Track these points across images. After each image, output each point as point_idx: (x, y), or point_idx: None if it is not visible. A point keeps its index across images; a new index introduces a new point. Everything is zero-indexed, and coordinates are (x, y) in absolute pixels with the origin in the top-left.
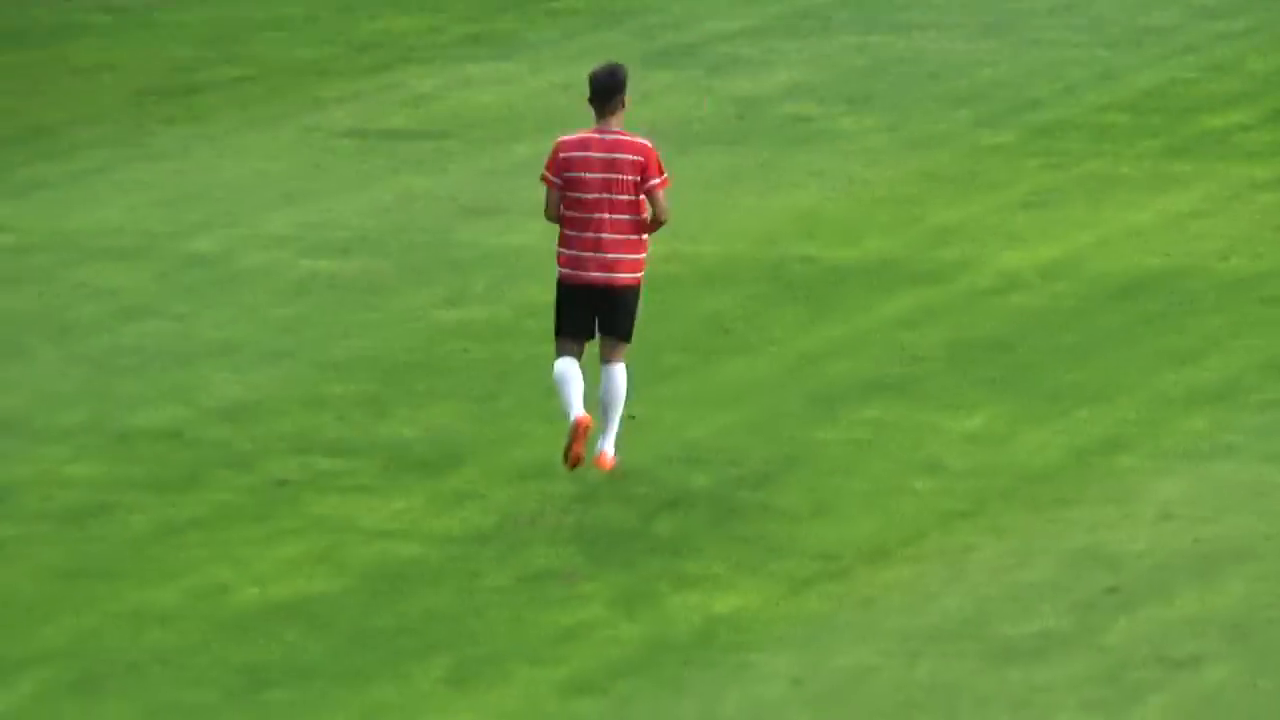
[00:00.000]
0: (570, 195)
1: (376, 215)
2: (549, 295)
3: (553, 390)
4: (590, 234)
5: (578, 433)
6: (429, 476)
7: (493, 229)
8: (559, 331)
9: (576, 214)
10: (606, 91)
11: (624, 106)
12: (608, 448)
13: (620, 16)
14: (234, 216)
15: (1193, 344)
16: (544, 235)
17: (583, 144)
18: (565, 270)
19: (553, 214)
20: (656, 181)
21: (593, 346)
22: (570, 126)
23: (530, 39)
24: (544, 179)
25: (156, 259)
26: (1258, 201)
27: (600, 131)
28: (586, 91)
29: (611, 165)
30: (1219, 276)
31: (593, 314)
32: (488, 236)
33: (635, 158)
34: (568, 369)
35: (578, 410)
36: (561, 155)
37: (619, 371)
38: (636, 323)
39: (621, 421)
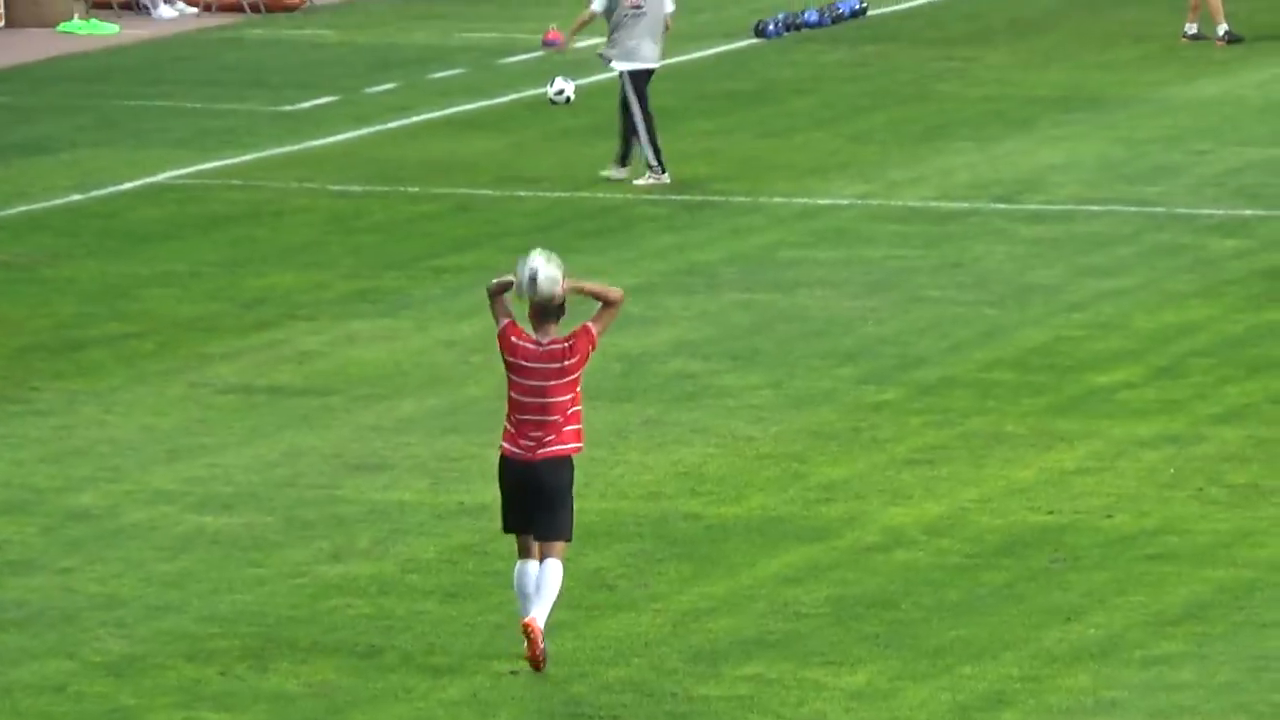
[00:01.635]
0: (511, 379)
1: (262, 471)
2: (432, 551)
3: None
4: (526, 416)
5: (529, 636)
6: None
7: (377, 485)
8: (505, 526)
9: (511, 406)
10: (544, 308)
11: (563, 313)
12: (539, 616)
13: (506, 273)
14: (119, 472)
15: (1076, 601)
16: (429, 491)
17: (525, 354)
18: (503, 444)
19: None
20: (591, 348)
21: None
22: (456, 385)
23: (416, 296)
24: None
25: (41, 513)
26: (1143, 459)
27: (537, 343)
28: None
29: (546, 374)
30: (1103, 534)
31: (523, 497)
32: (372, 493)
33: (569, 361)
34: (524, 581)
35: (525, 613)
36: (511, 338)
37: (554, 565)
38: (573, 515)
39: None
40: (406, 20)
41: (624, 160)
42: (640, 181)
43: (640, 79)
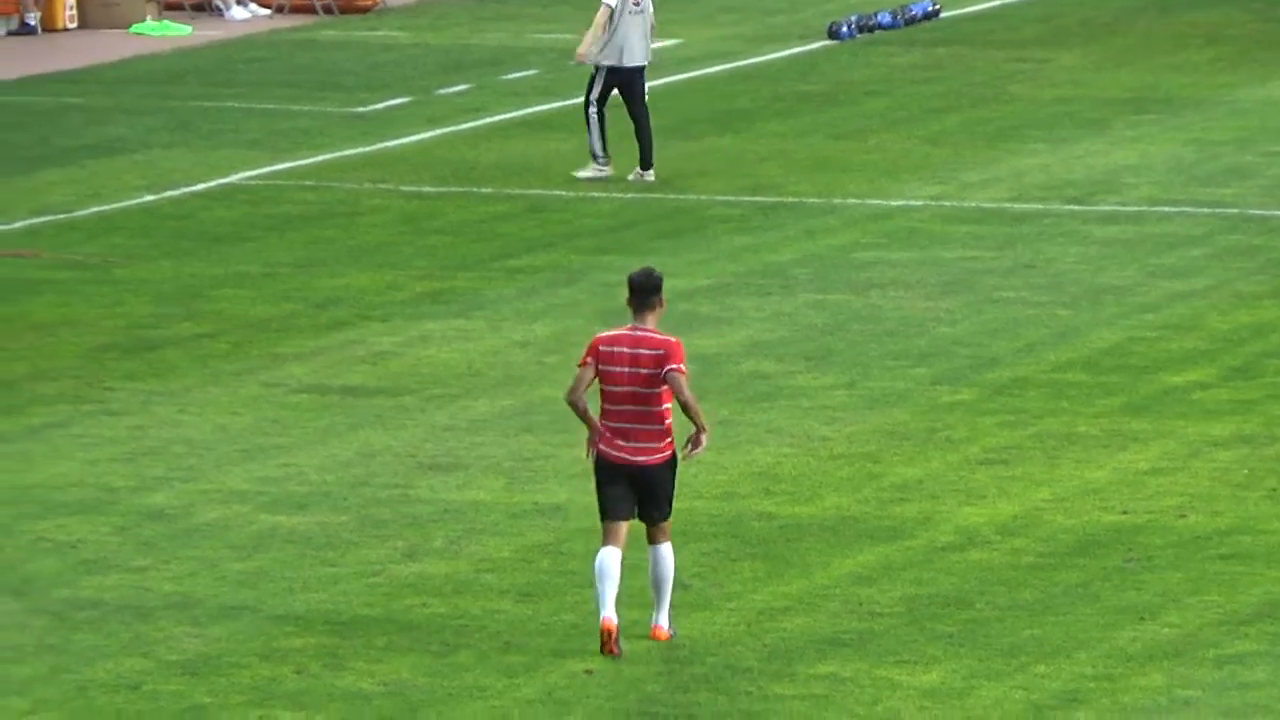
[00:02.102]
0: (605, 387)
1: (336, 470)
2: (507, 551)
3: (591, 582)
4: (622, 424)
5: (606, 638)
6: None
7: (451, 484)
8: (603, 514)
9: (610, 405)
10: (643, 292)
11: (661, 306)
12: (662, 621)
13: (578, 274)
14: (193, 471)
15: (1150, 600)
16: (504, 491)
17: (614, 340)
18: (603, 448)
19: (574, 396)
20: (672, 367)
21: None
22: (530, 385)
23: (489, 296)
24: (580, 363)
25: (116, 513)
26: (1216, 459)
27: (633, 329)
28: (626, 294)
29: (636, 360)
30: (1177, 533)
31: (630, 493)
32: (446, 492)
33: (657, 351)
34: (608, 565)
35: (606, 611)
36: (600, 349)
37: (665, 551)
38: (674, 498)
39: (674, 591)
40: (479, 21)
41: (647, 163)
42: (583, 174)
43: (620, 76)
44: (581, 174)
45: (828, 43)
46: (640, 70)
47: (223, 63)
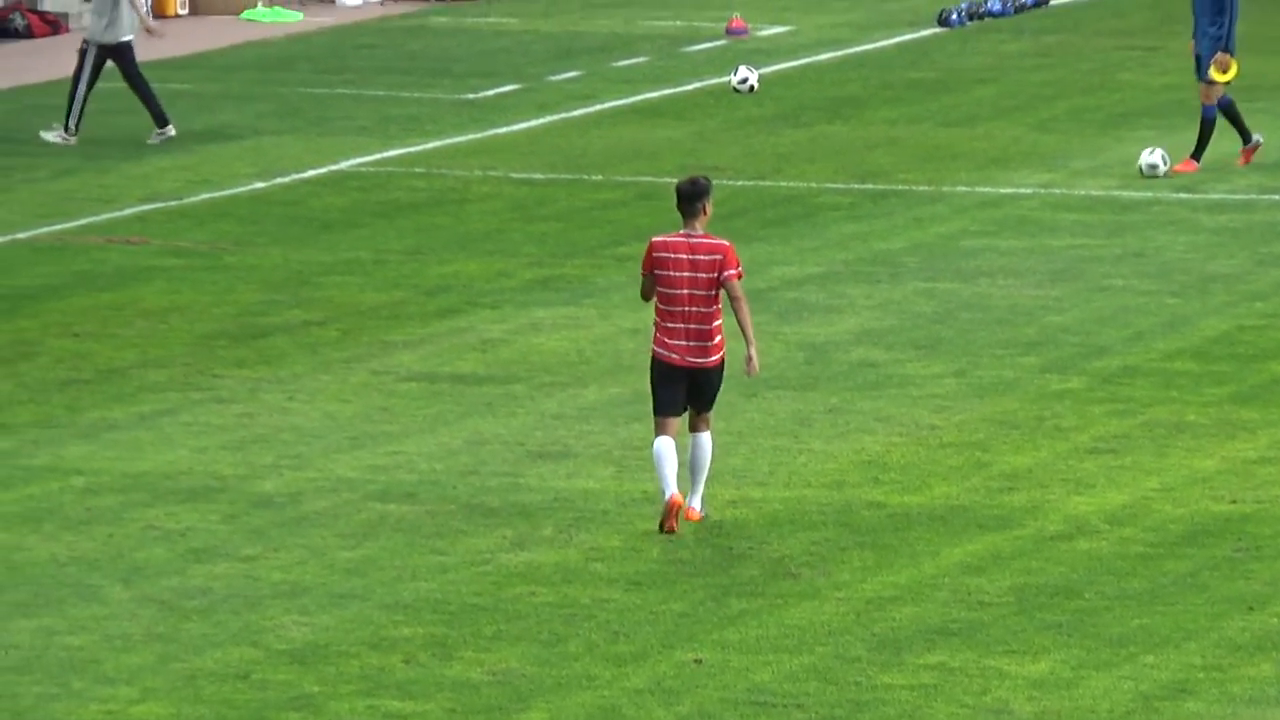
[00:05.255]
0: (661, 290)
1: (445, 458)
2: (617, 540)
3: (651, 467)
4: (679, 325)
5: (671, 510)
6: (496, 719)
7: (561, 473)
8: (656, 410)
9: (667, 307)
10: (690, 199)
11: (706, 212)
12: (695, 503)
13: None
14: (302, 459)
15: (1260, 590)
16: (613, 479)
17: (670, 246)
18: (659, 350)
19: (646, 294)
20: (731, 272)
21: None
22: (639, 373)
23: (599, 284)
24: (642, 273)
25: (225, 501)
26: None
27: (686, 235)
28: (674, 200)
29: (695, 265)
30: None
31: (683, 390)
32: (556, 480)
33: (714, 256)
34: (664, 450)
35: (671, 489)
36: (655, 255)
37: (706, 439)
38: (719, 394)
39: (707, 482)
40: (590, 8)
41: (162, 120)
42: (49, 136)
43: (111, 52)
44: (47, 135)
45: (938, 30)
46: (129, 44)
47: (333, 49)
